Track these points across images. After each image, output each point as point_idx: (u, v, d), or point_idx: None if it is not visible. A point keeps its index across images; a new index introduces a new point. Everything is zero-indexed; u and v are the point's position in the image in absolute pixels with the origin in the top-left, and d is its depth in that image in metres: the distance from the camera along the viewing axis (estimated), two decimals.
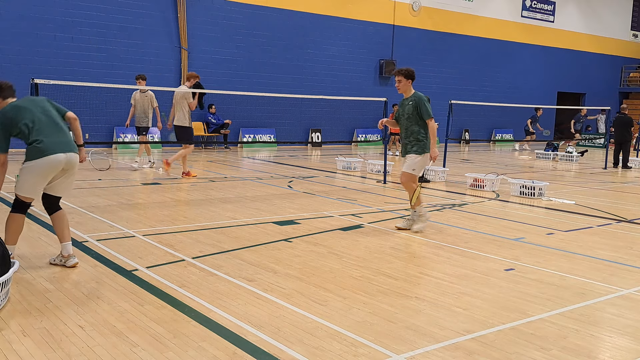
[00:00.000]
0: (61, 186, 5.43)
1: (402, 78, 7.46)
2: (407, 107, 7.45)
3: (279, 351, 3.78)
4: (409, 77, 7.48)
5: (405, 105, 7.51)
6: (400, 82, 7.49)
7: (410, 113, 7.42)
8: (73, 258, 5.44)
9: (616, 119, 17.63)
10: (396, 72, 7.56)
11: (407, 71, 7.48)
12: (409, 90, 7.54)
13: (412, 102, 7.41)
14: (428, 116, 7.37)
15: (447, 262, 6.08)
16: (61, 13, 16.80)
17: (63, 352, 3.66)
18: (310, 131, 22.11)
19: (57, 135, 5.28)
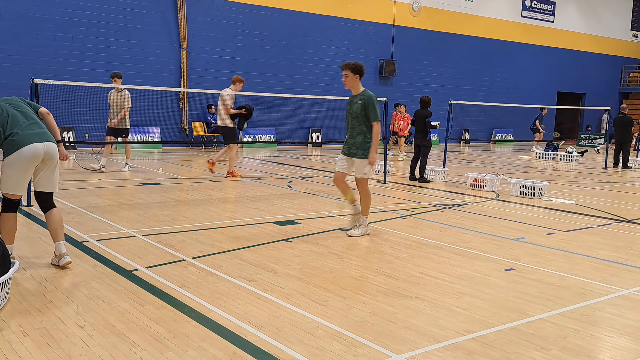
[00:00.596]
0: (45, 180, 5.34)
1: (349, 72, 6.92)
2: (355, 106, 6.98)
3: (279, 351, 3.78)
4: (357, 72, 6.95)
5: (353, 104, 7.03)
6: (347, 77, 6.95)
7: (358, 112, 6.95)
8: (65, 257, 5.38)
9: (616, 119, 17.63)
10: (343, 65, 6.99)
11: (355, 65, 6.95)
12: (357, 87, 7.04)
13: (361, 101, 6.94)
14: (375, 118, 6.91)
15: (447, 262, 6.08)
16: (61, 13, 16.80)
17: (63, 352, 3.66)
18: (310, 131, 22.11)
19: (31, 127, 5.23)
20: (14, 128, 5.15)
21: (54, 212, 5.42)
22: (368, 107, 6.91)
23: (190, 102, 19.43)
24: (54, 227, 5.39)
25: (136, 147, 18.25)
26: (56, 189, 5.44)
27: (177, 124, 19.21)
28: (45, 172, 5.31)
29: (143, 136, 18.35)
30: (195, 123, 19.39)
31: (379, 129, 6.97)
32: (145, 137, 18.36)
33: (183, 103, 19.21)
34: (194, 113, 19.56)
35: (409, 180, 12.52)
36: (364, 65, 7.10)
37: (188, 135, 19.39)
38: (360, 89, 7.05)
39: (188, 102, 19.33)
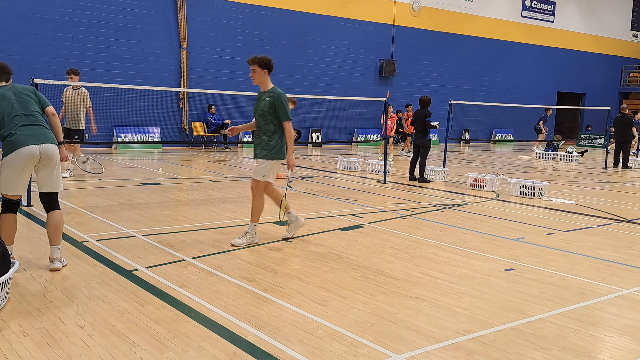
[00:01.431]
0: (44, 180, 5.30)
1: (256, 67, 6.41)
2: (263, 103, 6.44)
3: (279, 351, 3.78)
4: (265, 67, 6.44)
5: (260, 100, 6.49)
6: (255, 72, 6.44)
7: (265, 110, 6.41)
8: (55, 262, 5.31)
9: (616, 119, 17.63)
10: (250, 60, 6.45)
11: (263, 60, 6.43)
12: (265, 83, 6.52)
13: (270, 99, 6.41)
14: (286, 118, 6.40)
15: (447, 262, 6.08)
16: (61, 13, 16.81)
17: (63, 352, 3.66)
18: (310, 131, 22.11)
19: (31, 128, 5.18)
20: (12, 128, 5.13)
21: (53, 215, 5.37)
22: (277, 105, 6.39)
23: (190, 102, 19.43)
24: (50, 231, 5.35)
25: (136, 147, 18.25)
26: (57, 189, 5.40)
27: (177, 124, 19.21)
28: (44, 173, 5.28)
29: (143, 136, 18.36)
30: (195, 123, 19.39)
31: (291, 129, 6.47)
32: (145, 137, 18.36)
33: (183, 103, 19.21)
34: (194, 113, 19.56)
35: (408, 180, 12.52)
36: (272, 60, 6.59)
37: (188, 135, 19.39)
38: (269, 85, 6.53)
39: (188, 102, 19.33)
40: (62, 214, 5.46)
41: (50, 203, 5.37)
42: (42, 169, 5.26)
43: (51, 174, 5.30)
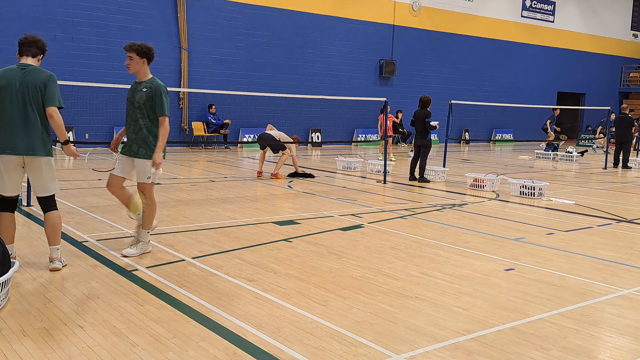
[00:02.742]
0: (33, 184, 5.25)
1: (134, 55, 5.81)
2: (139, 95, 5.82)
3: (279, 351, 3.78)
4: (144, 56, 5.85)
5: (136, 91, 5.86)
6: (132, 60, 5.83)
7: (142, 102, 5.79)
8: (55, 262, 5.28)
9: (617, 119, 17.63)
10: (127, 47, 5.88)
11: (142, 47, 5.84)
12: (143, 73, 5.90)
13: (147, 90, 5.80)
14: (163, 113, 5.79)
15: (447, 262, 6.08)
16: (61, 13, 16.81)
17: (63, 352, 3.66)
18: (310, 131, 22.11)
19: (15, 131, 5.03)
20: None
21: (49, 216, 5.29)
22: (155, 98, 5.78)
23: (190, 102, 19.43)
24: (48, 231, 5.32)
25: None
26: (47, 192, 5.25)
27: (177, 124, 19.20)
28: (32, 177, 5.22)
29: None
30: (195, 123, 19.39)
31: (167, 126, 5.85)
32: None
33: (183, 103, 19.21)
34: (194, 113, 19.56)
35: (408, 180, 12.52)
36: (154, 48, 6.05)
37: (188, 135, 19.39)
38: (147, 75, 5.91)
39: (188, 102, 19.33)
40: (59, 214, 5.38)
41: (46, 205, 5.31)
42: (30, 173, 5.21)
43: (38, 178, 5.19)
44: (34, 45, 5.40)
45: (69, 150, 5.31)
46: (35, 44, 5.40)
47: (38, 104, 5.13)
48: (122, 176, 6.05)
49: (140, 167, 5.91)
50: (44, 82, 5.18)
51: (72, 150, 5.32)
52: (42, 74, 5.23)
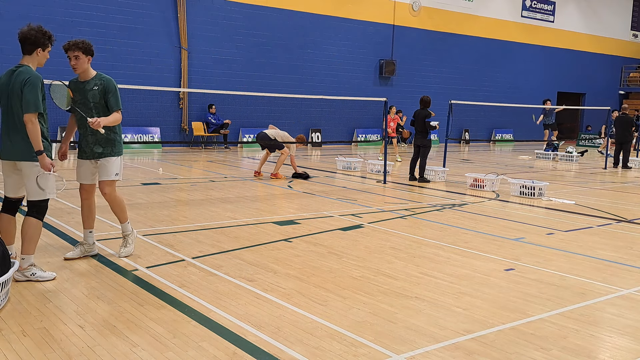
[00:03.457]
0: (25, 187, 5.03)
1: (80, 54, 5.54)
2: (91, 93, 5.60)
3: (279, 351, 3.78)
4: (89, 53, 5.61)
5: (86, 91, 5.62)
6: (79, 59, 5.56)
7: (96, 101, 5.60)
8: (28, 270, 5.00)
9: (617, 119, 17.63)
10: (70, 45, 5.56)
11: (86, 44, 5.57)
12: (88, 71, 5.65)
13: (99, 87, 5.60)
14: (118, 106, 5.64)
15: (447, 262, 6.08)
16: (61, 13, 16.80)
17: (63, 352, 3.66)
18: (310, 131, 22.11)
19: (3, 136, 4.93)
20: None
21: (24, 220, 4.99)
22: (109, 92, 5.61)
23: (190, 102, 19.43)
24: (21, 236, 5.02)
25: (136, 147, 18.25)
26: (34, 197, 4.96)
27: (177, 124, 19.20)
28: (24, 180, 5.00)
29: (143, 136, 18.36)
30: (195, 123, 19.38)
31: (120, 119, 5.72)
32: (145, 137, 18.36)
33: (183, 103, 19.21)
34: (194, 113, 19.56)
35: (408, 180, 12.52)
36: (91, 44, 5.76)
37: (188, 135, 19.39)
38: (92, 72, 5.67)
39: (188, 102, 19.33)
40: (38, 225, 5.00)
41: (29, 208, 5.00)
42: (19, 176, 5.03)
43: (27, 181, 4.96)
44: (25, 41, 5.03)
45: (43, 161, 4.81)
46: (27, 40, 5.01)
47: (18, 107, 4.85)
48: (95, 183, 5.90)
49: (108, 166, 5.72)
50: (21, 86, 4.84)
51: (45, 162, 4.81)
52: (21, 77, 4.87)
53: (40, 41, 5.04)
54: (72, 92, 5.69)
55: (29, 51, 5.06)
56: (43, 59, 5.14)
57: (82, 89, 5.65)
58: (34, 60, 5.10)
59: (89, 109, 5.62)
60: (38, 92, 4.86)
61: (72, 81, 5.75)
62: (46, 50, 5.09)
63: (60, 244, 6.25)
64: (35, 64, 5.12)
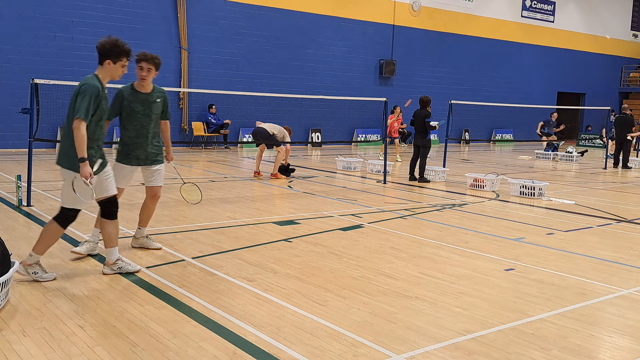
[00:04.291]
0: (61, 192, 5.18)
1: (153, 68, 5.83)
2: (155, 106, 5.92)
3: (279, 351, 3.78)
4: (158, 69, 5.92)
5: (151, 103, 5.88)
6: (150, 73, 5.83)
7: (158, 113, 5.97)
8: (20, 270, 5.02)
9: (617, 119, 17.63)
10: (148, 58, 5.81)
11: (158, 60, 5.90)
12: (150, 84, 5.94)
13: (161, 99, 5.97)
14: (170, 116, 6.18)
15: (447, 262, 6.08)
16: (61, 13, 16.80)
17: (63, 352, 3.66)
18: (310, 131, 22.11)
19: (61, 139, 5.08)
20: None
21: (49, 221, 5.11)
22: (167, 104, 6.08)
23: (190, 102, 19.43)
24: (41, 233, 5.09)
25: None
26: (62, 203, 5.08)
27: (177, 124, 19.20)
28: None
29: None
30: (195, 123, 19.38)
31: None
32: None
33: (183, 103, 19.21)
34: (194, 113, 19.56)
35: (408, 180, 12.52)
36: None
37: (188, 135, 19.39)
38: (151, 85, 5.95)
39: (188, 102, 19.32)
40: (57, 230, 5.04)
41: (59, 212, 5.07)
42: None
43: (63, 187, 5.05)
44: (98, 51, 5.05)
45: (83, 169, 4.82)
46: (98, 50, 5.04)
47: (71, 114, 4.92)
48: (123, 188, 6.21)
49: (161, 172, 6.23)
50: (75, 93, 4.92)
51: (85, 170, 4.82)
52: (79, 84, 4.96)
53: (109, 53, 5.00)
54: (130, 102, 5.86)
55: (100, 62, 5.07)
56: (114, 71, 5.08)
57: (145, 100, 5.88)
58: (104, 71, 5.08)
59: (151, 120, 5.91)
60: (88, 100, 4.84)
61: (128, 91, 5.89)
62: (118, 62, 5.04)
63: (60, 244, 6.25)
64: (106, 75, 5.10)
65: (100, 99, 4.94)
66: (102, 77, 5.05)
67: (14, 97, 15.45)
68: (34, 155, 8.93)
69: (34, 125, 8.31)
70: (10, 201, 8.50)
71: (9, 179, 10.67)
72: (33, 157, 8.73)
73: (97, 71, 5.07)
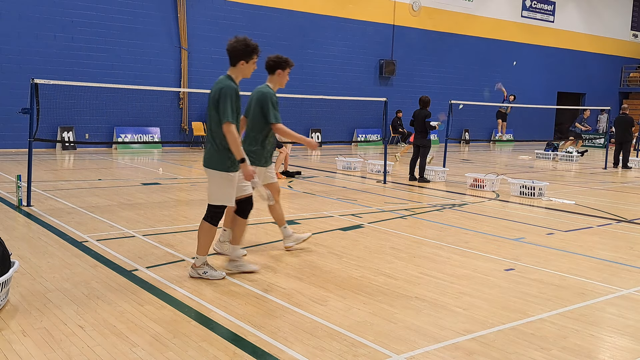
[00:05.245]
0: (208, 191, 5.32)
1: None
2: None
3: (279, 351, 3.78)
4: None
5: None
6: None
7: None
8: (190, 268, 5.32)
9: (617, 119, 17.63)
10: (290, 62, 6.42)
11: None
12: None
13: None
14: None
15: (447, 262, 6.08)
16: (61, 13, 16.80)
17: (63, 352, 3.66)
18: (310, 131, 22.10)
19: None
20: None
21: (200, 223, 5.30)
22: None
23: (190, 102, 19.43)
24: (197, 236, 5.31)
25: (136, 147, 18.25)
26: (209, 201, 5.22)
27: (177, 124, 19.20)
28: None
29: (143, 136, 18.36)
30: (195, 123, 19.38)
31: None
32: (145, 137, 18.36)
33: (183, 103, 19.21)
34: (194, 113, 19.55)
35: (408, 180, 12.52)
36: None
37: (188, 135, 19.39)
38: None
39: (188, 102, 19.32)
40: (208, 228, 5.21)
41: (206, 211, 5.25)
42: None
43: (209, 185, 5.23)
44: (230, 53, 5.17)
45: (244, 169, 4.99)
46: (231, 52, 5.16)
47: (213, 117, 5.04)
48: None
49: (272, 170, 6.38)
50: (215, 97, 5.01)
51: (247, 170, 4.99)
52: (217, 86, 5.05)
53: (243, 53, 5.18)
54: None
55: (233, 63, 5.19)
56: (247, 70, 5.28)
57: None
58: (237, 71, 5.22)
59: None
60: (230, 102, 4.98)
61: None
62: (250, 61, 5.23)
63: (60, 244, 6.25)
64: (238, 75, 5.24)
65: (237, 98, 5.10)
66: (235, 77, 5.19)
67: (14, 97, 15.45)
68: (34, 155, 8.93)
69: (34, 125, 8.31)
70: (10, 201, 8.51)
71: (9, 179, 10.67)
72: (33, 157, 8.74)
73: (230, 72, 5.21)
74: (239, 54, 5.13)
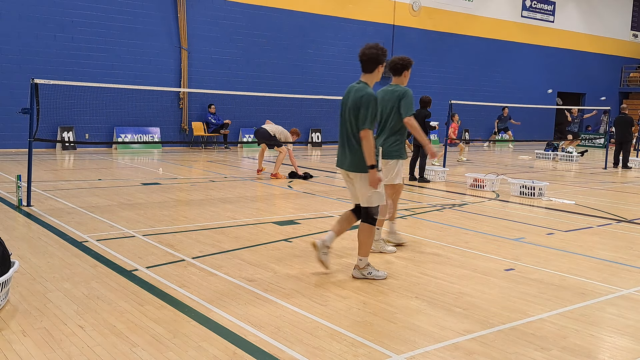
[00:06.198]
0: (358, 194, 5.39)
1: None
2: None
3: (279, 351, 3.78)
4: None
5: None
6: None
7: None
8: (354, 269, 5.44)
9: (617, 119, 17.63)
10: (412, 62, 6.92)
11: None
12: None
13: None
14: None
15: (447, 262, 6.08)
16: (61, 13, 16.80)
17: (63, 352, 3.66)
18: (310, 131, 22.11)
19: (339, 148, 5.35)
20: None
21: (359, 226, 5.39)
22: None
23: (190, 102, 19.43)
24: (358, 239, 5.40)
25: (136, 147, 18.25)
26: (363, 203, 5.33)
27: (177, 124, 19.20)
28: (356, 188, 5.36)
29: (143, 136, 18.36)
30: (195, 123, 19.38)
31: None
32: (145, 137, 18.36)
33: (183, 103, 19.21)
34: (194, 113, 19.56)
35: (409, 181, 12.51)
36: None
37: (188, 135, 19.39)
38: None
39: (188, 102, 19.32)
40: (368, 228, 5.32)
41: (362, 214, 5.38)
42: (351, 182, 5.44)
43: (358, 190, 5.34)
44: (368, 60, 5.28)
45: (372, 175, 5.10)
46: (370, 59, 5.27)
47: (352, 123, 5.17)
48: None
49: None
50: (357, 102, 5.12)
51: (374, 177, 5.10)
52: (359, 94, 5.15)
53: (380, 59, 5.29)
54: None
55: (370, 69, 5.29)
56: (379, 74, 5.38)
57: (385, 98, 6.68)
58: (372, 77, 5.32)
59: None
60: (373, 111, 5.11)
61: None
62: (382, 66, 5.35)
63: (60, 244, 6.26)
64: (373, 81, 5.34)
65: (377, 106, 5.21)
66: (370, 83, 5.29)
67: (14, 97, 15.45)
68: (34, 155, 8.93)
69: (34, 125, 8.31)
70: (10, 201, 8.51)
71: (9, 179, 10.67)
72: (33, 157, 8.74)
73: (365, 78, 5.30)
74: (378, 59, 5.26)
